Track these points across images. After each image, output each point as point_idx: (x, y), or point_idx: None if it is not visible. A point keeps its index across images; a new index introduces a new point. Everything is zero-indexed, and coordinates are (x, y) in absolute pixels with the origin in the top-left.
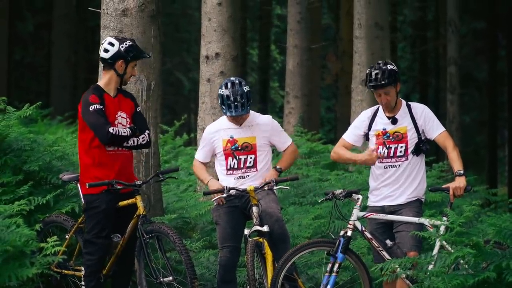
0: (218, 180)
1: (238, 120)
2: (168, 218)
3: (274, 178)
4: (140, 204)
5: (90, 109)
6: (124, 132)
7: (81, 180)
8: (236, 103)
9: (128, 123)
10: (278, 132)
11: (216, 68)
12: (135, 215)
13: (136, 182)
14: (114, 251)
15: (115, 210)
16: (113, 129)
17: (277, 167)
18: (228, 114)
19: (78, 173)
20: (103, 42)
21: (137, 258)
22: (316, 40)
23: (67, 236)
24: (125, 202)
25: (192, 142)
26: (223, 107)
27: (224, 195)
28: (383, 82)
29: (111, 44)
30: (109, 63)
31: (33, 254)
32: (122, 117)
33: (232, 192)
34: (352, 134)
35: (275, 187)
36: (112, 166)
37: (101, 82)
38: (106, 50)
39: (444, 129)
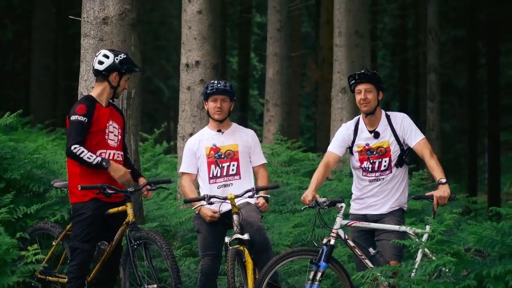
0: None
1: (221, 115)
2: (148, 226)
3: (254, 186)
4: (130, 211)
5: (72, 118)
6: (89, 158)
7: (70, 189)
8: (219, 81)
9: (119, 134)
10: (258, 147)
11: (196, 76)
12: (124, 222)
13: (128, 189)
14: (100, 258)
15: (103, 218)
16: (76, 148)
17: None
18: (210, 89)
19: None
20: (97, 54)
21: (122, 267)
22: (296, 48)
23: (54, 243)
24: (115, 209)
25: (172, 150)
26: (207, 90)
27: (204, 203)
28: (367, 76)
29: (106, 57)
30: (103, 75)
31: (14, 262)
32: (114, 126)
33: (213, 200)
34: (339, 146)
35: (256, 195)
36: (99, 175)
37: (93, 93)
38: (100, 62)
39: (423, 136)
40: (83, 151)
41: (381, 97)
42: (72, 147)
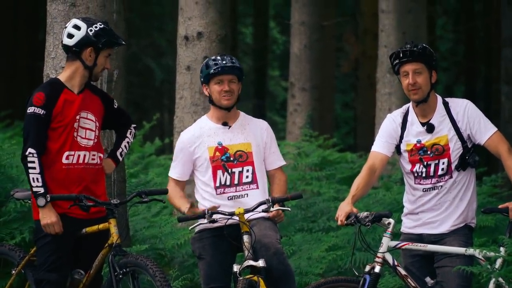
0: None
1: (231, 100)
2: (136, 249)
3: (269, 196)
4: (114, 230)
5: (28, 111)
6: (33, 180)
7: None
8: (223, 56)
9: (97, 127)
10: (274, 143)
11: (198, 52)
12: (107, 245)
13: (113, 201)
14: None
15: (76, 239)
16: (30, 156)
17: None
18: (213, 68)
19: None
20: (66, 25)
21: None
22: (329, 15)
23: (13, 272)
24: (94, 227)
25: (166, 150)
26: (208, 69)
27: (205, 221)
28: (414, 53)
29: (77, 28)
30: (75, 52)
31: None
32: (88, 119)
33: (216, 217)
34: (386, 144)
35: (272, 209)
36: (70, 184)
37: (62, 75)
38: (70, 35)
39: (495, 129)
40: (34, 166)
41: (434, 79)
42: (27, 152)
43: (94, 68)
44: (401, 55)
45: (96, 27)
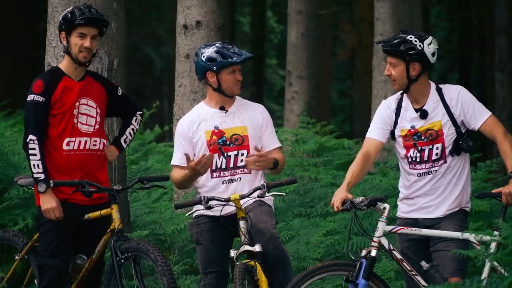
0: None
1: (239, 89)
2: (137, 235)
3: (265, 182)
4: (116, 215)
5: (28, 99)
6: (34, 167)
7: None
8: (234, 48)
9: (98, 114)
10: (271, 126)
11: (197, 40)
12: (109, 230)
13: (115, 187)
14: (76, 277)
15: (78, 225)
16: (31, 143)
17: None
18: (234, 57)
19: None
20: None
21: (105, 287)
22: (325, 4)
23: (17, 257)
24: (96, 213)
25: (166, 137)
26: (224, 58)
27: (202, 207)
28: (389, 48)
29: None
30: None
31: None
32: (88, 105)
33: (213, 203)
34: (381, 130)
35: (267, 194)
36: (72, 170)
37: (62, 64)
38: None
39: (489, 113)
40: (34, 153)
41: (416, 71)
42: (28, 139)
43: (70, 50)
44: (381, 46)
45: (69, 11)
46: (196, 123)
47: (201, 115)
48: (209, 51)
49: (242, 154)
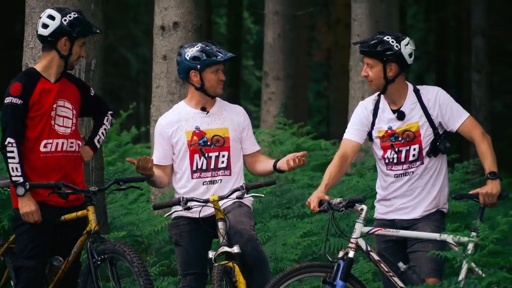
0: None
1: (222, 89)
2: (114, 236)
3: (244, 183)
4: (92, 217)
5: (5, 101)
6: (12, 170)
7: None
8: (218, 47)
9: (74, 115)
10: (250, 129)
11: (175, 41)
12: (85, 232)
13: (91, 189)
14: (53, 278)
15: (55, 226)
16: (9, 146)
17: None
18: (219, 56)
19: None
20: (41, 15)
21: None
22: (302, 5)
23: None
24: (72, 214)
25: (142, 138)
26: (209, 56)
27: (180, 208)
28: (366, 49)
29: (51, 18)
30: (50, 42)
31: None
32: (65, 107)
33: (191, 204)
34: (358, 132)
35: (246, 195)
36: (49, 172)
37: (39, 65)
38: (45, 26)
39: (467, 114)
40: (13, 156)
41: (393, 72)
42: (6, 142)
43: (70, 57)
44: (358, 46)
45: (70, 16)
46: (176, 122)
47: (182, 115)
48: (193, 50)
49: (223, 156)
